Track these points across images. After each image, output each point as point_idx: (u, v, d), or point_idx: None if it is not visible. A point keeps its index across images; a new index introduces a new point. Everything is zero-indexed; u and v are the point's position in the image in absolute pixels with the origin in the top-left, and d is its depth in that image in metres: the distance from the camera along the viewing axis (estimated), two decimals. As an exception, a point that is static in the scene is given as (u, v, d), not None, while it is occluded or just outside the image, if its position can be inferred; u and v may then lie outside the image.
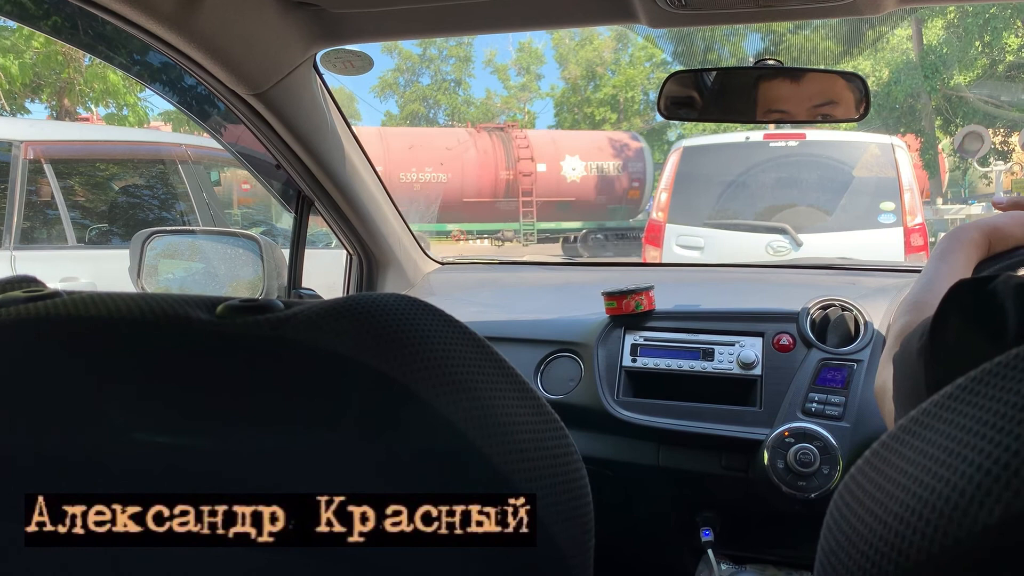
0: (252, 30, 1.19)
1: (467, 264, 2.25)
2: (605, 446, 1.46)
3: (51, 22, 1.24)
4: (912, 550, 0.28)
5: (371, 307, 0.43)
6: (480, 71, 50.30)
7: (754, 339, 1.45)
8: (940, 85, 16.65)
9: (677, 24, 1.19)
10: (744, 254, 5.08)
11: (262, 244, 1.63)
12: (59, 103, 11.36)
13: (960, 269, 0.87)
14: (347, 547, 0.37)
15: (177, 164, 4.63)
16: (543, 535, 0.42)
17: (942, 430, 0.30)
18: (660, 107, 1.36)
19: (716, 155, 5.75)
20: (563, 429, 0.46)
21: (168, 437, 0.37)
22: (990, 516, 0.26)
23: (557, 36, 27.56)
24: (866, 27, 16.59)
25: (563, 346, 1.56)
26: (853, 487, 0.34)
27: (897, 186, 5.08)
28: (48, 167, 4.00)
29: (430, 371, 0.41)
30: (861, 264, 2.01)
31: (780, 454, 1.29)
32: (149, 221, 4.60)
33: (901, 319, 0.82)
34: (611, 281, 1.62)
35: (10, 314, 0.41)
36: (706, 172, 5.70)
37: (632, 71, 25.97)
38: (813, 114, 1.35)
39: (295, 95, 1.37)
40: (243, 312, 0.41)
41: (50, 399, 0.38)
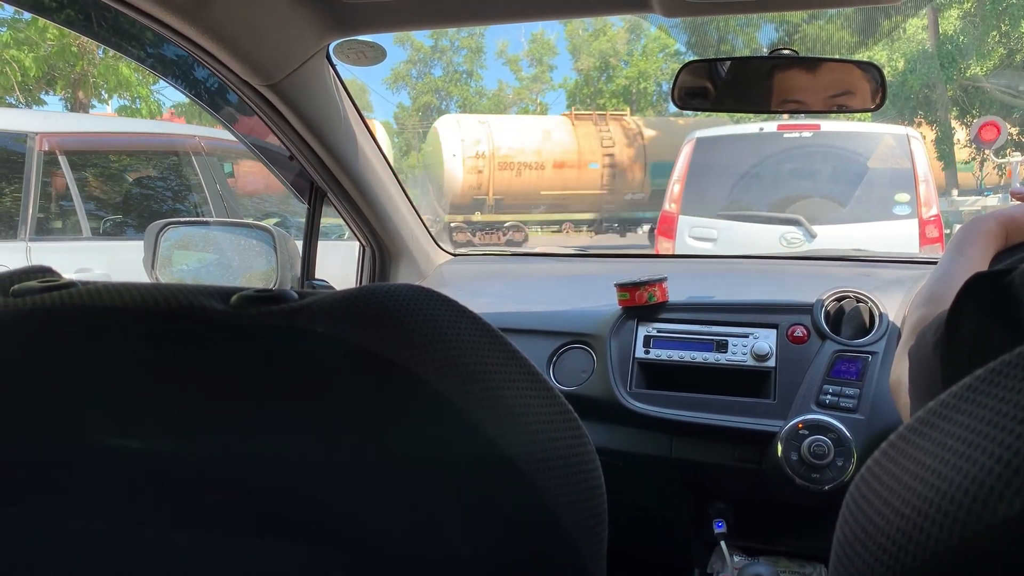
0: (265, 20, 1.19)
1: (479, 255, 2.25)
2: (618, 438, 1.46)
3: (65, 14, 1.25)
4: (931, 542, 0.28)
5: (385, 297, 0.43)
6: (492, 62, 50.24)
7: (768, 331, 1.45)
8: (956, 75, 16.50)
9: (691, 13, 1.18)
10: (757, 246, 5.05)
11: (275, 235, 1.63)
12: (73, 95, 11.43)
13: (977, 261, 0.87)
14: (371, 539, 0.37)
15: (191, 156, 4.64)
16: (556, 524, 0.42)
17: (961, 422, 0.30)
18: (674, 97, 1.35)
19: (729, 146, 5.72)
20: (576, 420, 0.46)
21: (182, 425, 0.38)
22: (1010, 508, 0.25)
23: (570, 27, 27.43)
24: (881, 17, 16.43)
25: (576, 337, 1.55)
26: (870, 479, 0.34)
27: (912, 177, 5.03)
28: (63, 159, 4.02)
29: (443, 361, 0.41)
30: (876, 256, 1.99)
31: (794, 446, 1.29)
32: (163, 212, 4.62)
33: (917, 312, 0.82)
34: (623, 273, 1.62)
35: (26, 304, 0.41)
36: (719, 163, 5.67)
37: (645, 62, 25.85)
38: (829, 104, 1.34)
39: (308, 86, 1.37)
40: (257, 302, 0.41)
41: (65, 387, 0.38)
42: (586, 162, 15.53)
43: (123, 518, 0.37)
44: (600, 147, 15.65)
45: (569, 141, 15.48)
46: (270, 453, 0.37)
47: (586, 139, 15.62)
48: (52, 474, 0.38)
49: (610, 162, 15.66)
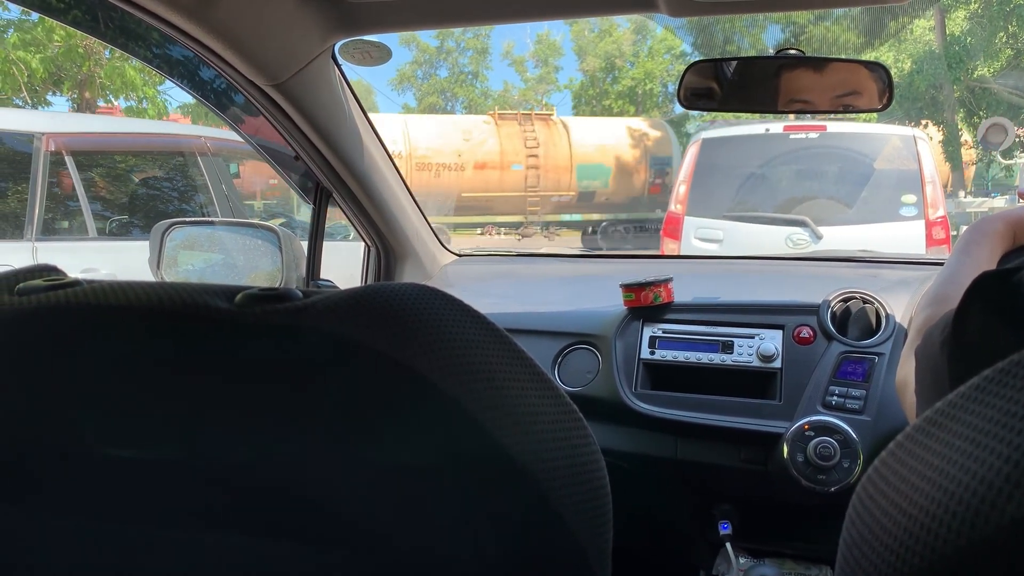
0: (271, 20, 1.20)
1: (485, 256, 2.25)
2: (623, 438, 1.46)
3: (72, 15, 1.25)
4: (939, 543, 0.27)
5: (389, 296, 0.42)
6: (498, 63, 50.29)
7: (774, 332, 1.44)
8: (964, 76, 16.45)
9: (697, 13, 1.18)
10: (763, 247, 5.04)
11: (281, 235, 1.63)
12: (80, 96, 11.47)
13: (984, 262, 0.86)
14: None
15: (196, 156, 4.65)
16: (560, 525, 0.42)
17: (969, 422, 0.30)
18: (680, 97, 1.35)
19: (736, 147, 5.71)
20: (582, 420, 0.46)
21: (186, 423, 0.37)
22: (1018, 509, 0.25)
23: (576, 28, 27.41)
24: (888, 17, 16.40)
25: (581, 338, 1.55)
26: (877, 480, 0.34)
27: (919, 178, 5.02)
28: (69, 159, 4.03)
29: (448, 360, 0.41)
30: (882, 257, 1.99)
31: (800, 448, 1.28)
32: (169, 213, 4.63)
33: (923, 312, 0.81)
34: (629, 273, 1.61)
35: (31, 302, 0.41)
36: (725, 164, 5.65)
37: (651, 63, 25.81)
38: (835, 104, 1.33)
39: (314, 86, 1.37)
40: (262, 301, 0.41)
41: (70, 385, 0.38)
42: (509, 163, 15.08)
43: (124, 518, 0.37)
44: (524, 148, 15.19)
45: (491, 142, 15.03)
46: (273, 452, 0.37)
47: (509, 140, 15.17)
48: (53, 473, 0.38)
49: (534, 163, 15.19)
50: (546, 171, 15.22)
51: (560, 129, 15.74)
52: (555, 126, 15.78)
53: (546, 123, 15.76)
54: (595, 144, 15.38)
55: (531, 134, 15.31)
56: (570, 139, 15.54)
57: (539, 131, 15.40)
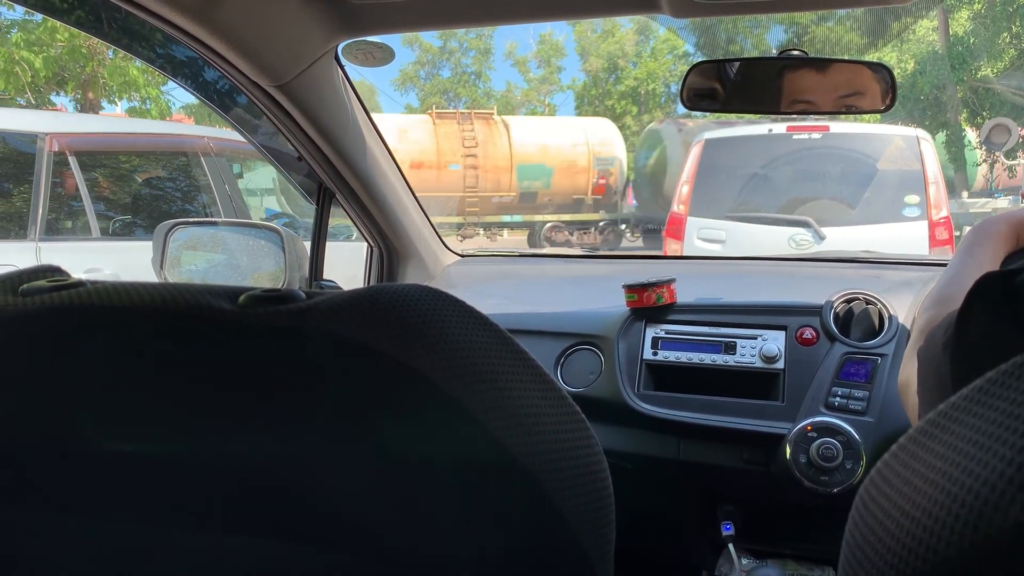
0: (274, 21, 1.20)
1: (487, 256, 2.25)
2: (626, 439, 1.45)
3: (76, 15, 1.25)
4: (941, 545, 0.27)
5: (392, 297, 0.43)
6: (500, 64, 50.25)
7: (777, 332, 1.44)
8: (967, 76, 16.41)
9: (700, 14, 1.18)
10: (766, 247, 5.04)
11: (284, 236, 1.64)
12: (83, 96, 11.48)
13: (987, 263, 0.86)
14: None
15: (199, 156, 4.65)
16: (563, 526, 0.42)
17: (972, 424, 0.30)
18: (683, 98, 1.35)
19: (738, 148, 5.70)
20: (584, 422, 0.46)
21: (189, 424, 0.38)
22: (1021, 511, 0.25)
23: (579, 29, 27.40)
24: (891, 18, 16.38)
25: (583, 339, 1.55)
26: (880, 482, 0.34)
27: (922, 179, 5.01)
28: (72, 159, 4.03)
29: (451, 361, 0.41)
30: (885, 257, 1.99)
31: (803, 449, 1.28)
32: (172, 213, 4.63)
33: (926, 313, 0.81)
34: (631, 274, 1.61)
35: (34, 303, 0.41)
36: (728, 165, 5.65)
37: (654, 64, 25.79)
38: (838, 105, 1.33)
39: (317, 87, 1.37)
40: (265, 302, 0.41)
41: (73, 385, 0.38)
42: (446, 163, 14.65)
43: (125, 518, 0.37)
44: (462, 147, 14.75)
45: (428, 140, 14.54)
46: (276, 452, 0.37)
47: (447, 139, 14.73)
48: (54, 473, 0.38)
49: (473, 163, 14.75)
50: (485, 171, 14.84)
51: (500, 128, 15.31)
52: (495, 125, 15.35)
53: (487, 122, 15.32)
54: (536, 144, 14.87)
55: (469, 133, 14.87)
56: (510, 138, 15.10)
57: (478, 130, 14.99)
